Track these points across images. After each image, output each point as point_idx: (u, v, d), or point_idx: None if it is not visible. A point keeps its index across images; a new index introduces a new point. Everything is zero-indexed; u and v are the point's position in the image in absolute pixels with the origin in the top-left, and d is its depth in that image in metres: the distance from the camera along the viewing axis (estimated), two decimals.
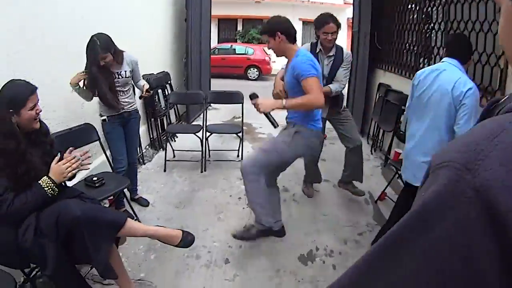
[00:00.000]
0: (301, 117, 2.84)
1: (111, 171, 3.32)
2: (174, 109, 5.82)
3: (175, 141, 5.41)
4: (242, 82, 13.36)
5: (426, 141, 2.50)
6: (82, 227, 1.91)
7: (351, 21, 17.95)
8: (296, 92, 2.73)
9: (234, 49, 15.28)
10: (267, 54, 15.24)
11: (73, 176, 2.19)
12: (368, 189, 4.36)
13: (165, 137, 5.22)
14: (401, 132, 4.87)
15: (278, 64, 15.63)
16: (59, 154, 2.15)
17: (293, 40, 2.81)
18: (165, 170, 4.42)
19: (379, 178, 4.80)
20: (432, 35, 4.35)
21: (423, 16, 4.54)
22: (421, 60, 4.64)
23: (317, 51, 3.51)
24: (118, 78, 3.22)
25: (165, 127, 5.33)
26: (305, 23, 19.17)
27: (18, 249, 1.90)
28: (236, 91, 4.95)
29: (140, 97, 3.57)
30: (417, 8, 4.74)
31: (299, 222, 3.52)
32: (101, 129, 3.29)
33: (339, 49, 3.57)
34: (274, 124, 2.83)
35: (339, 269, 2.91)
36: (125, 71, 3.25)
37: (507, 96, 0.58)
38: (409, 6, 5.02)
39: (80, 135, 3.11)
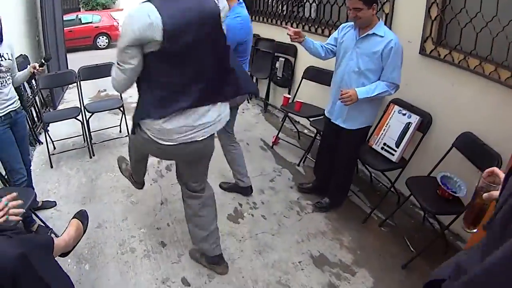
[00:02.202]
0: None
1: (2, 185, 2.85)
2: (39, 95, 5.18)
3: (48, 131, 4.88)
4: (93, 53, 12.28)
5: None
6: (30, 265, 1.50)
7: None
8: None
9: (80, 19, 13.84)
10: (114, 19, 14.26)
11: None
12: (259, 137, 4.57)
13: (38, 130, 4.67)
14: (278, 78, 5.10)
15: None
16: None
17: None
18: (52, 166, 3.96)
19: (265, 124, 5.05)
20: None
21: None
22: (292, 8, 4.84)
23: None
24: (0, 59, 2.58)
25: (36, 118, 4.72)
26: None
27: None
28: (110, 62, 4.46)
29: (30, 79, 2.97)
30: None
31: (211, 183, 3.50)
32: None
33: None
34: None
35: (269, 218, 3.09)
36: (7, 53, 2.63)
37: None
38: None
39: None
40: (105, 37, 13.99)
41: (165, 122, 1.89)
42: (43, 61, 2.93)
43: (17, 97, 2.81)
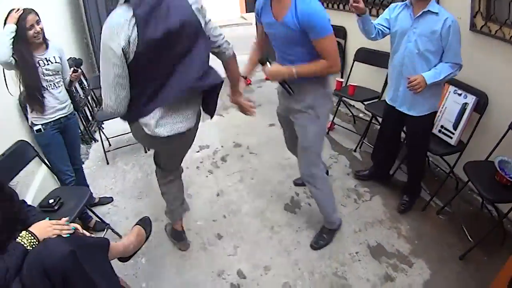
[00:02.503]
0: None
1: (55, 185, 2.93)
2: (91, 95, 5.33)
3: (103, 129, 5.02)
4: None
5: None
6: (78, 263, 1.52)
7: None
8: (294, 50, 2.18)
9: None
10: None
11: None
12: None
13: (93, 128, 4.82)
14: None
15: None
16: None
17: None
18: (108, 163, 4.06)
19: None
20: None
21: None
22: None
23: None
24: (46, 64, 2.61)
25: (90, 117, 4.87)
26: None
27: None
28: None
29: (70, 85, 2.97)
30: None
31: (267, 173, 3.51)
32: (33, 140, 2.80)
33: None
34: (290, 91, 2.23)
35: None
36: (54, 57, 2.66)
37: None
38: None
39: (16, 159, 2.57)
40: None
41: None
42: (75, 67, 2.93)
43: (70, 101, 2.87)
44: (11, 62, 2.40)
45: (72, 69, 2.88)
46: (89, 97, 4.97)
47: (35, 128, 2.67)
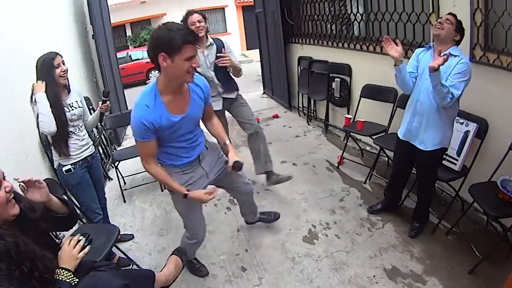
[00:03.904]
0: None
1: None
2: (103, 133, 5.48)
3: (118, 167, 5.15)
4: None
5: None
6: None
7: (238, 1, 18.34)
8: None
9: (130, 56, 14.66)
10: None
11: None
12: (324, 158, 4.64)
13: (108, 167, 4.95)
14: (335, 98, 5.17)
15: None
16: None
17: None
18: (125, 201, 4.18)
19: (327, 145, 5.10)
20: (347, 2, 4.61)
21: None
22: (340, 27, 4.92)
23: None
24: (71, 109, 2.72)
25: (103, 155, 5.02)
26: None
27: None
28: None
29: (101, 118, 3.04)
30: None
31: (283, 208, 3.62)
32: (61, 180, 2.83)
33: (215, 39, 3.62)
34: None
35: (343, 237, 3.15)
36: (76, 101, 2.79)
37: None
38: None
39: None
40: (157, 72, 14.53)
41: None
42: (104, 98, 2.96)
43: (91, 142, 2.98)
44: (54, 130, 2.56)
45: (101, 99, 2.97)
46: (102, 136, 5.13)
47: (65, 168, 2.73)
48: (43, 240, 1.69)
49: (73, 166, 2.75)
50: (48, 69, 2.56)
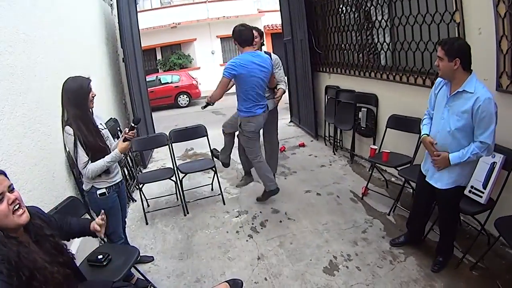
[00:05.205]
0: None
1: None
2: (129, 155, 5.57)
3: (142, 190, 5.20)
4: (176, 111, 13.23)
5: None
6: None
7: (267, 28, 18.67)
8: None
9: (160, 80, 15.03)
10: (193, 78, 15.23)
11: None
12: (349, 188, 4.58)
13: (132, 188, 5.01)
14: (362, 128, 5.13)
15: (204, 85, 15.66)
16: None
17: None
18: (147, 223, 4.20)
19: (352, 176, 5.03)
20: (373, 32, 4.63)
21: (365, 14, 4.83)
22: (368, 57, 4.94)
23: None
24: (102, 129, 2.82)
25: (127, 177, 5.09)
26: (223, 39, 19.58)
27: None
28: (199, 125, 4.82)
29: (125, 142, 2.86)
30: (352, 9, 5.06)
31: (306, 237, 3.57)
32: (92, 203, 2.87)
33: (267, 52, 4.22)
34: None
35: (363, 269, 3.07)
36: (101, 123, 2.85)
37: None
38: (341, 8, 5.33)
39: (69, 213, 2.59)
40: (185, 96, 14.86)
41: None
42: (133, 124, 2.86)
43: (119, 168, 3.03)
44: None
45: (130, 126, 2.88)
46: (128, 158, 5.21)
47: (99, 192, 2.75)
48: (55, 254, 1.71)
49: (107, 190, 2.78)
50: (85, 94, 2.62)
